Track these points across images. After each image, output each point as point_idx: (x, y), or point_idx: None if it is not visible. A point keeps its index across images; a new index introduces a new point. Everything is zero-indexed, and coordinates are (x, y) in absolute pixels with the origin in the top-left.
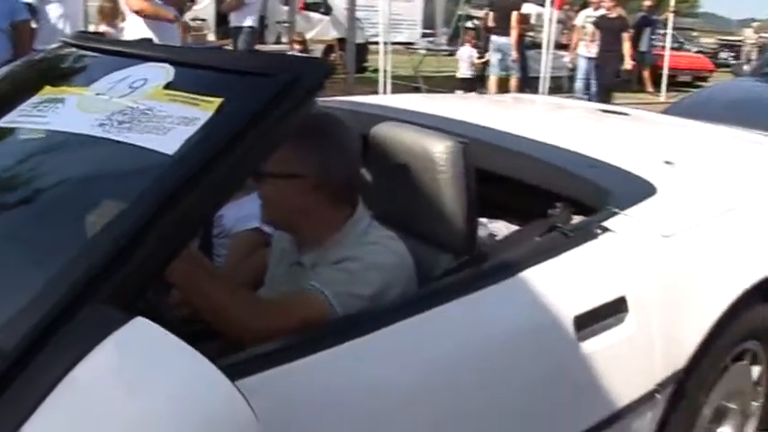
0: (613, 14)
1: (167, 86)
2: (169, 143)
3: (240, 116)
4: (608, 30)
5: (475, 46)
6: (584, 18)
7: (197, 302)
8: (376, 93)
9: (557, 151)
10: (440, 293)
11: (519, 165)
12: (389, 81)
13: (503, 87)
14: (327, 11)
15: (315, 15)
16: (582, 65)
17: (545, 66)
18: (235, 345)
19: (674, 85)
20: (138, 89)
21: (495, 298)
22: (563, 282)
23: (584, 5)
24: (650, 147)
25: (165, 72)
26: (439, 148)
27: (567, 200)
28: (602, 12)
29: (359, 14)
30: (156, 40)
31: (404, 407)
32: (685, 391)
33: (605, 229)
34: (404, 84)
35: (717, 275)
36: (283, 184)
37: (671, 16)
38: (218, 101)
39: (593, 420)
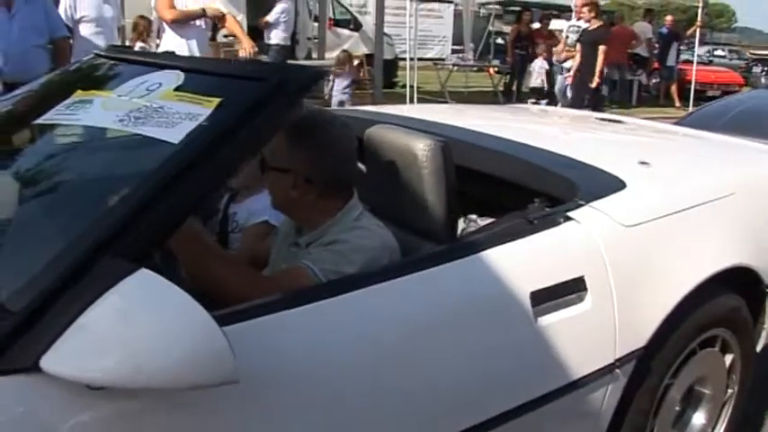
0: (593, 26)
1: (177, 89)
2: (175, 134)
3: (235, 112)
4: (587, 43)
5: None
6: (568, 28)
7: (198, 274)
8: None
9: (538, 152)
10: (398, 268)
11: (504, 164)
12: (416, 96)
13: None
14: (357, 27)
15: (344, 31)
16: (559, 77)
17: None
18: None
19: (703, 100)
20: (153, 91)
21: (452, 273)
22: (521, 262)
23: (612, 22)
24: (631, 150)
25: (177, 77)
26: (420, 147)
27: (545, 195)
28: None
29: (389, 31)
30: (188, 50)
31: (358, 370)
32: (649, 369)
33: (568, 218)
34: (431, 99)
35: (677, 264)
36: (279, 176)
37: (698, 31)
38: (217, 100)
39: (549, 387)
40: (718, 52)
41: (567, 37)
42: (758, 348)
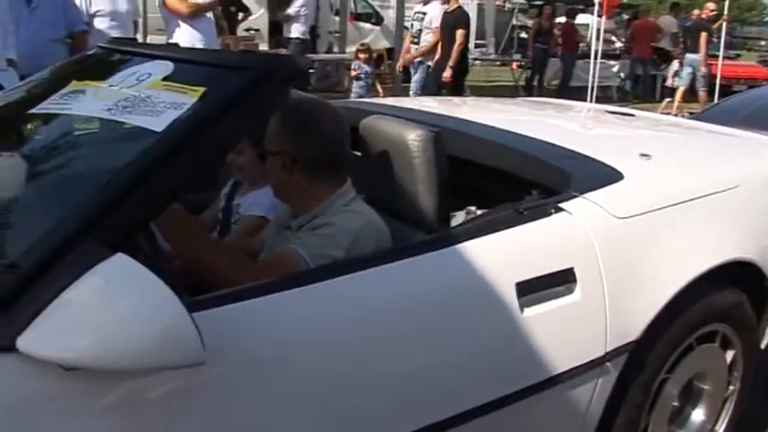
0: (451, 8)
1: (165, 79)
2: (159, 123)
3: (218, 101)
4: (445, 28)
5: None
6: (413, 15)
7: (187, 259)
8: None
9: (533, 143)
10: (383, 255)
11: (500, 155)
12: None
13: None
14: (378, 21)
15: (365, 25)
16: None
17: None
18: None
19: (728, 95)
20: (142, 81)
21: (437, 261)
22: (508, 252)
23: (636, 15)
24: (634, 142)
25: (166, 67)
26: (412, 136)
27: (540, 187)
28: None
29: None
30: (203, 42)
31: (342, 358)
32: (643, 363)
33: (559, 209)
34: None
35: (672, 257)
36: (271, 159)
37: (724, 24)
38: (202, 89)
39: (535, 378)
40: None
41: (412, 26)
42: (762, 345)
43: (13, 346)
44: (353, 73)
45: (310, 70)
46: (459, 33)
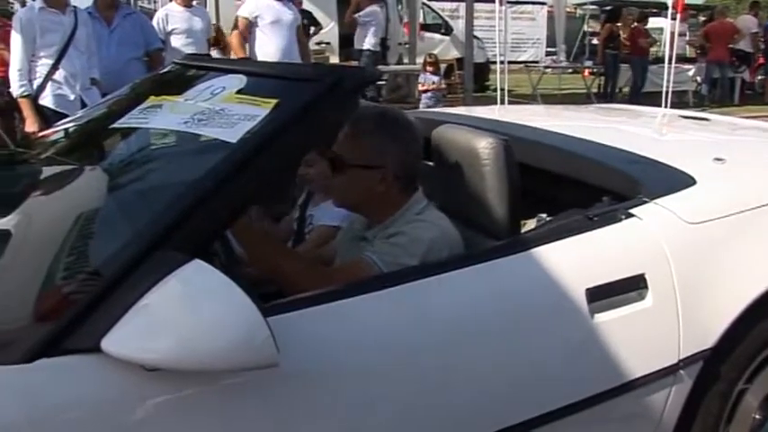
0: None
1: (239, 92)
2: (233, 134)
3: (290, 112)
4: None
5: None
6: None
7: (263, 264)
8: None
9: (603, 149)
10: (454, 262)
11: (569, 162)
12: (507, 99)
13: None
14: (448, 31)
15: (435, 36)
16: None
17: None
18: None
19: None
20: (217, 95)
21: (507, 267)
22: (578, 258)
23: (711, 17)
24: (708, 146)
25: (239, 81)
26: (482, 145)
27: (611, 193)
28: None
29: (481, 34)
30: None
31: (409, 363)
32: (718, 372)
33: (630, 215)
34: (522, 102)
35: (748, 264)
36: (363, 173)
37: None
38: (274, 101)
39: (606, 385)
40: None
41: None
42: None
43: (98, 347)
44: (421, 87)
45: (380, 81)
46: None
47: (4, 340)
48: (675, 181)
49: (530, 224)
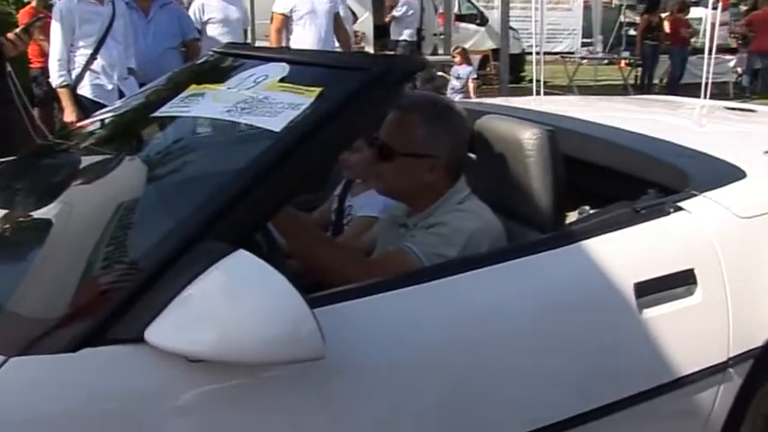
0: None
1: (282, 80)
2: (277, 123)
3: (335, 101)
4: None
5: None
6: None
7: (305, 258)
8: None
9: (650, 142)
10: (498, 254)
11: (615, 155)
12: (543, 90)
13: None
14: (483, 22)
15: (471, 26)
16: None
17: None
18: None
19: None
20: (259, 83)
21: (553, 261)
22: (626, 251)
23: (755, 6)
24: (758, 139)
25: (282, 69)
26: (527, 135)
27: (658, 186)
28: None
29: (516, 25)
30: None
31: (457, 357)
32: None
33: (679, 209)
34: (558, 93)
35: None
36: (412, 161)
37: None
38: (318, 89)
39: (654, 382)
40: None
41: None
42: None
43: (141, 337)
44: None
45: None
46: None
47: (48, 330)
48: (725, 174)
49: (572, 216)
